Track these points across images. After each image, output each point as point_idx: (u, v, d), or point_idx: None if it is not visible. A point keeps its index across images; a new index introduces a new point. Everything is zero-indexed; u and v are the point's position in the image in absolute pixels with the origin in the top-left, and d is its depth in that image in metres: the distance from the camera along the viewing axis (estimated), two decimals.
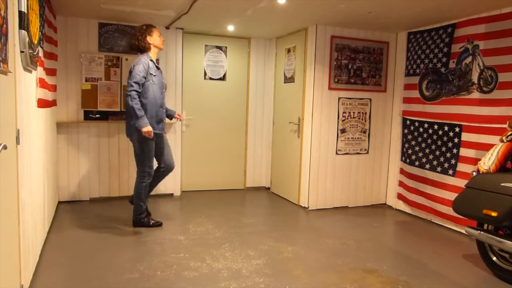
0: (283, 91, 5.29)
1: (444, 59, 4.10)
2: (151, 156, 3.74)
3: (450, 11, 3.75)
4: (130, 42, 3.82)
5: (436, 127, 4.19)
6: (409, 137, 4.57)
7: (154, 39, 3.75)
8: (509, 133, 2.97)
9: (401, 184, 4.78)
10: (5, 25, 1.85)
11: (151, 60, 3.70)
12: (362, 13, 3.93)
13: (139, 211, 3.83)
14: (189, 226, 3.96)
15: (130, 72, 3.59)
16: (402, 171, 4.74)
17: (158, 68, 3.76)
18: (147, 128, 3.51)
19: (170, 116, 4.07)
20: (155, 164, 3.86)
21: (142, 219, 3.85)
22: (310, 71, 4.62)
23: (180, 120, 4.34)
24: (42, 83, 3.11)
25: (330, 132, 4.74)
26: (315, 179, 4.73)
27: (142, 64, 3.58)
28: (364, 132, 4.93)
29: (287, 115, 5.15)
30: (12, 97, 2.06)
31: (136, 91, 3.51)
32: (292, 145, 5.06)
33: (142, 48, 3.74)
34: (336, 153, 4.80)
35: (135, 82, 3.51)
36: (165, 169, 3.94)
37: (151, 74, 3.62)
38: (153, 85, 3.65)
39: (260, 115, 5.72)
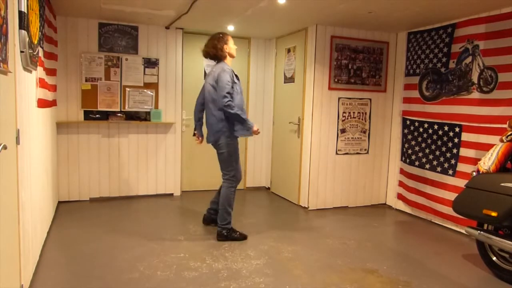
0: (283, 91, 5.28)
1: (444, 59, 4.10)
2: (238, 159, 3.70)
3: (450, 11, 3.75)
4: (206, 50, 3.71)
5: (436, 127, 4.19)
6: (409, 137, 4.57)
7: (230, 47, 3.69)
8: (509, 133, 2.97)
9: (401, 184, 4.78)
10: (5, 25, 1.85)
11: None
12: (362, 13, 3.93)
13: (226, 220, 3.59)
14: (189, 226, 3.96)
15: (216, 81, 3.55)
16: (402, 171, 4.74)
17: (236, 76, 3.71)
18: (256, 127, 3.62)
19: None
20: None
21: (228, 230, 3.59)
22: (310, 71, 4.62)
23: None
24: (42, 83, 3.11)
25: (330, 132, 4.74)
26: (315, 179, 4.73)
27: (228, 73, 3.54)
28: (364, 132, 4.93)
29: (287, 115, 5.15)
30: (12, 97, 2.06)
31: (231, 100, 3.51)
32: (292, 145, 5.06)
33: (219, 57, 3.68)
34: (336, 153, 4.80)
35: (228, 93, 3.49)
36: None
37: (235, 82, 3.60)
38: (237, 94, 3.59)
39: (260, 115, 5.72)
